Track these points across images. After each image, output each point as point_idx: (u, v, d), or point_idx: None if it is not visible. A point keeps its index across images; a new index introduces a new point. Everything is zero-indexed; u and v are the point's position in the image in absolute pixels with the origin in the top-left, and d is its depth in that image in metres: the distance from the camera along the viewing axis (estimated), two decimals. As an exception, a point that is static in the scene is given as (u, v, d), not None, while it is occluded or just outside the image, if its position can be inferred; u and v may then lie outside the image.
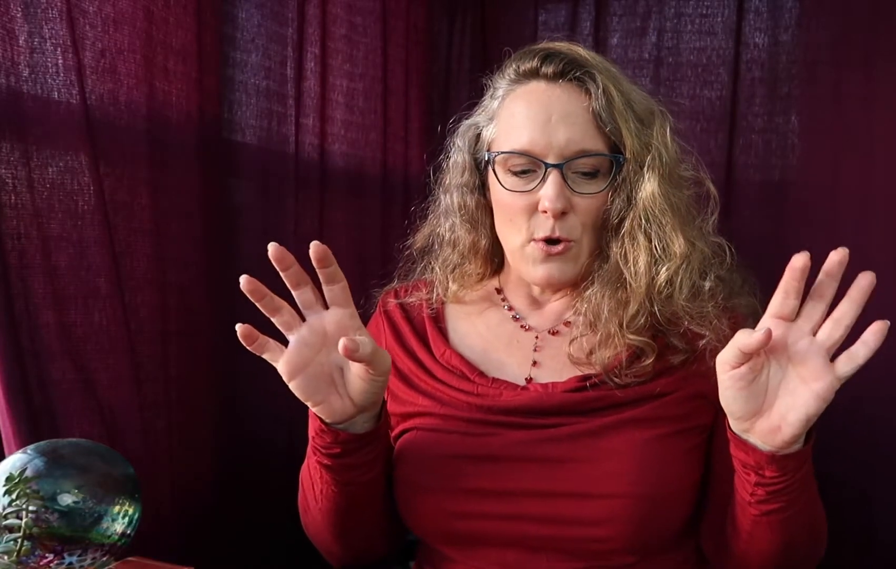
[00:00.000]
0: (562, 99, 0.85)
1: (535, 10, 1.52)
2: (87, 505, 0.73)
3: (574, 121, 0.84)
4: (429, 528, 0.88)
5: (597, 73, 0.85)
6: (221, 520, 1.11)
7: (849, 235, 1.26)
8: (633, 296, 0.84)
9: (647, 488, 0.80)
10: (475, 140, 0.95)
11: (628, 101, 0.86)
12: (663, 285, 0.83)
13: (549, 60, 0.87)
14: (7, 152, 0.82)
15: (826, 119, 1.28)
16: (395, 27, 1.39)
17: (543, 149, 0.84)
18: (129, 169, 0.95)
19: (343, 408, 0.77)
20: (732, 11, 1.36)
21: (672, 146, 0.88)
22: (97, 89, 0.90)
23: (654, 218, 0.84)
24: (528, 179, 0.86)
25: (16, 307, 0.83)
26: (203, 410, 1.09)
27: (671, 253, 0.84)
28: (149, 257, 0.97)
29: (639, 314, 0.84)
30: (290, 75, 1.21)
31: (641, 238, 0.84)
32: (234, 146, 1.15)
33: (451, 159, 0.98)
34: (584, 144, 0.84)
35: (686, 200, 0.89)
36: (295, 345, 0.75)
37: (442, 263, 0.99)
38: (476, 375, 0.89)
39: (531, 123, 0.85)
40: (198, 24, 1.03)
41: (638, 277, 0.84)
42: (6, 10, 0.81)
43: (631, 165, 0.85)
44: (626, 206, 0.85)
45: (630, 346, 0.84)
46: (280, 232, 1.22)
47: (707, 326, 0.83)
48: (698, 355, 0.85)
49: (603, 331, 0.85)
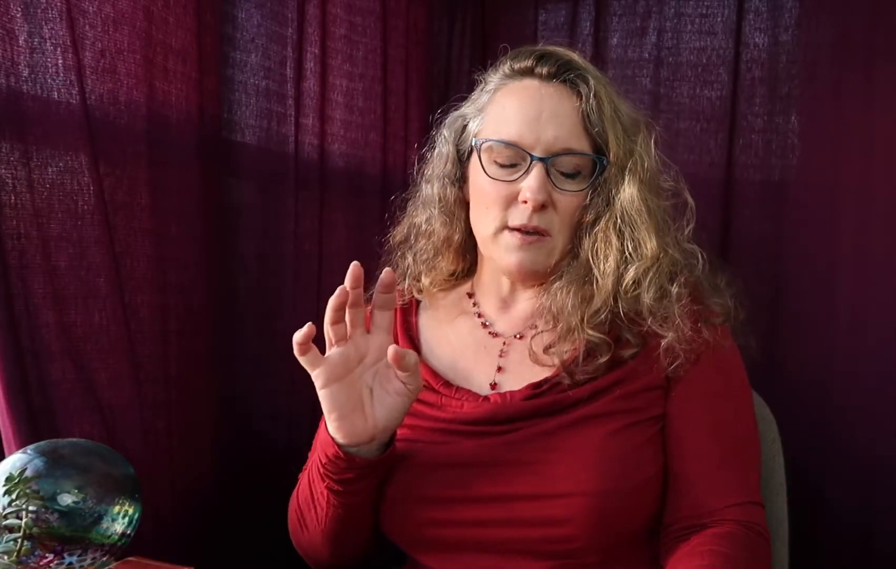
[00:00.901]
0: (553, 97, 0.88)
1: (535, 10, 1.52)
2: (87, 505, 0.73)
3: (563, 120, 0.87)
4: (401, 536, 0.90)
5: (590, 77, 0.88)
6: (221, 520, 1.11)
7: (849, 235, 1.26)
8: (599, 292, 0.86)
9: (605, 484, 0.81)
10: (461, 131, 0.96)
11: (616, 109, 0.89)
12: (630, 285, 0.85)
13: (545, 61, 0.89)
14: (7, 152, 0.82)
15: (826, 119, 1.28)
16: (395, 27, 1.39)
17: (531, 143, 0.86)
18: (129, 169, 0.95)
19: (364, 428, 0.80)
20: (732, 11, 1.36)
21: (654, 156, 0.91)
22: (97, 89, 0.90)
23: (629, 219, 0.86)
24: (511, 171, 0.88)
25: (16, 307, 0.83)
26: (203, 410, 1.09)
27: (642, 253, 0.86)
28: (149, 257, 0.97)
29: (601, 311, 0.85)
30: (290, 75, 1.21)
31: (614, 238, 0.86)
32: (233, 146, 1.15)
33: (436, 150, 1.00)
34: (570, 143, 0.87)
35: (663, 209, 0.91)
36: (337, 356, 0.79)
37: (415, 254, 1.01)
38: (441, 386, 0.91)
39: (521, 117, 0.87)
40: (198, 24, 1.03)
41: (605, 274, 0.86)
42: (6, 10, 0.81)
43: (613, 168, 0.88)
44: (603, 207, 0.88)
45: (588, 341, 0.86)
46: (280, 232, 1.22)
47: (669, 327, 0.84)
48: (649, 349, 0.86)
49: (564, 324, 0.86)
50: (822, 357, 1.23)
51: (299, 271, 1.24)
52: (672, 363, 0.85)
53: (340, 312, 0.78)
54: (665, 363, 0.85)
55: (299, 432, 1.25)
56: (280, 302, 1.23)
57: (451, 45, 1.58)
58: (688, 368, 0.86)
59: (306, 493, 0.89)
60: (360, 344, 0.80)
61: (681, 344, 0.84)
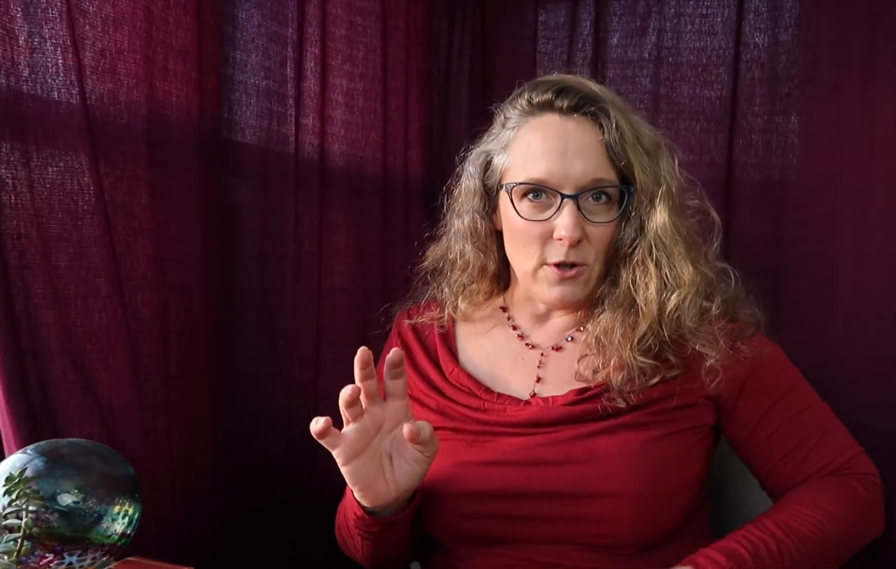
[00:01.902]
0: (577, 132, 0.90)
1: (535, 10, 1.52)
2: (87, 505, 0.73)
3: (588, 153, 0.89)
4: (442, 528, 0.93)
5: (609, 108, 0.90)
6: (221, 520, 1.11)
7: (849, 235, 1.26)
8: (644, 319, 0.88)
9: (644, 486, 0.84)
10: (486, 166, 0.99)
11: (637, 135, 0.91)
12: (673, 311, 0.88)
13: (564, 95, 0.91)
14: (7, 152, 0.82)
15: (826, 119, 1.28)
16: (395, 27, 1.39)
17: (560, 180, 0.89)
18: (129, 169, 0.95)
19: (387, 493, 0.82)
20: (732, 11, 1.36)
21: (679, 178, 0.94)
22: (97, 89, 0.90)
23: (664, 248, 0.89)
24: (542, 207, 0.90)
25: (16, 307, 0.83)
26: (203, 410, 1.09)
27: (681, 281, 0.88)
28: (149, 257, 0.97)
29: (647, 337, 0.88)
30: (290, 75, 1.21)
31: (652, 267, 0.89)
32: (233, 146, 1.15)
33: (462, 185, 1.02)
34: (597, 174, 0.89)
35: (691, 228, 0.94)
36: (355, 433, 0.80)
37: (451, 284, 1.04)
38: (482, 392, 0.95)
39: (548, 155, 0.89)
40: (198, 24, 1.03)
41: (649, 302, 0.88)
42: (6, 10, 0.81)
43: (641, 196, 0.90)
44: (636, 235, 0.91)
45: (640, 368, 0.88)
46: (280, 232, 1.22)
47: (712, 346, 0.87)
48: (691, 370, 0.89)
49: (612, 353, 0.89)
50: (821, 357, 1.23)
51: (299, 271, 1.24)
52: (713, 381, 0.87)
53: (355, 401, 0.79)
54: (707, 382, 0.87)
55: (299, 432, 1.25)
56: (280, 302, 1.23)
57: (451, 45, 1.58)
58: (740, 393, 0.90)
59: (343, 520, 0.94)
60: (376, 414, 0.81)
61: (721, 362, 0.87)
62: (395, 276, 1.37)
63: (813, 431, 0.93)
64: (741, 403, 0.92)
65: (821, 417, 0.96)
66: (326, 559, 1.10)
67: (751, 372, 0.91)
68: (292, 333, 1.24)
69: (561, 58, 1.51)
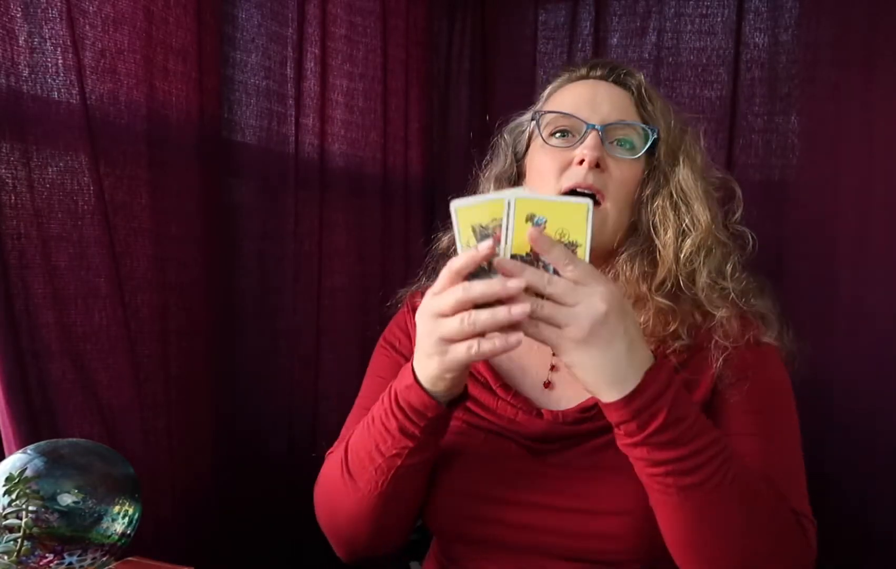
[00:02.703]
0: (607, 88, 0.94)
1: (535, 10, 1.52)
2: (87, 505, 0.73)
3: (617, 102, 0.93)
4: (445, 528, 0.91)
5: (640, 76, 0.96)
6: (221, 520, 1.11)
7: (849, 235, 1.26)
8: (662, 262, 0.89)
9: (648, 503, 0.79)
10: (518, 134, 1.01)
11: (666, 107, 0.95)
12: (688, 256, 0.89)
13: (597, 66, 0.97)
14: (7, 152, 0.82)
15: (826, 119, 1.28)
16: (395, 27, 1.39)
17: (587, 114, 0.91)
18: (129, 169, 0.95)
19: (462, 380, 0.78)
20: (732, 11, 1.36)
21: (703, 152, 0.97)
22: (97, 89, 0.90)
23: (684, 195, 0.91)
24: (568, 142, 0.91)
25: (16, 307, 0.83)
26: (203, 410, 1.09)
27: (698, 225, 0.90)
28: (149, 257, 0.97)
29: (666, 280, 0.89)
30: (290, 75, 1.21)
31: (671, 212, 0.90)
32: (233, 146, 1.15)
33: (495, 152, 1.05)
34: (624, 115, 0.92)
35: (712, 195, 0.95)
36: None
37: None
38: (499, 387, 0.91)
39: (578, 97, 0.93)
40: (198, 24, 1.03)
41: (667, 245, 0.89)
42: (6, 10, 0.81)
43: (665, 148, 0.92)
44: (660, 184, 0.92)
45: (658, 309, 0.87)
46: (280, 232, 1.22)
47: (724, 304, 0.87)
48: (696, 361, 0.86)
49: (632, 293, 0.88)
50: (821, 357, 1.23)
51: (299, 271, 1.24)
52: (721, 355, 0.85)
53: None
54: (714, 359, 0.85)
55: (299, 432, 1.25)
56: (280, 302, 1.23)
57: (451, 45, 1.58)
58: (734, 383, 0.85)
59: (359, 457, 0.84)
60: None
61: (730, 335, 0.85)
62: (395, 276, 1.37)
63: (777, 465, 0.84)
64: (730, 392, 0.86)
65: (790, 461, 0.87)
66: (326, 559, 1.10)
67: (753, 367, 0.86)
68: (292, 333, 1.24)
69: (561, 58, 1.51)
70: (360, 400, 0.98)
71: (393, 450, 0.80)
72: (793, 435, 0.88)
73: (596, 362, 0.69)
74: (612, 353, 0.69)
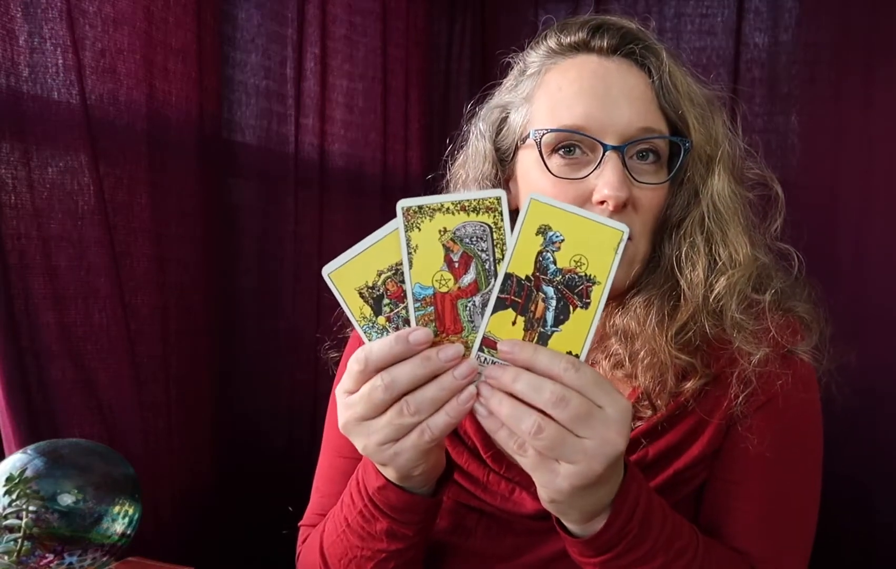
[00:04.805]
0: (620, 74, 0.71)
1: (535, 10, 1.53)
2: (87, 505, 0.73)
3: (635, 98, 0.70)
4: None
5: (659, 49, 0.73)
6: (221, 520, 1.11)
7: (849, 235, 1.26)
8: (686, 305, 0.70)
9: None
10: (499, 125, 0.78)
11: (690, 85, 0.75)
12: (718, 298, 0.70)
13: (602, 32, 0.73)
14: (7, 152, 0.82)
15: (826, 119, 1.28)
16: (395, 28, 1.40)
17: (601, 127, 0.69)
18: (129, 169, 0.95)
19: (439, 460, 0.64)
20: (732, 11, 1.36)
21: (738, 141, 0.78)
22: (97, 89, 0.90)
23: (720, 220, 0.72)
24: (577, 165, 0.70)
25: (16, 307, 0.83)
26: (203, 410, 1.09)
27: (735, 261, 0.70)
28: (149, 257, 0.97)
29: (688, 327, 0.69)
30: (290, 75, 1.21)
31: (701, 242, 0.71)
32: (233, 146, 1.15)
33: (469, 148, 0.81)
34: (647, 123, 0.70)
35: (748, 204, 0.77)
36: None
37: None
38: (490, 457, 0.73)
39: (586, 96, 0.70)
40: (198, 24, 1.03)
41: (694, 286, 0.70)
42: (6, 10, 0.81)
43: (697, 157, 0.73)
44: (689, 205, 0.73)
45: (675, 366, 0.70)
46: (280, 232, 1.22)
47: (756, 345, 0.69)
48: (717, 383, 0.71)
49: (644, 345, 0.70)
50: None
51: (299, 271, 1.25)
52: (743, 391, 0.69)
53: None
54: (736, 392, 0.69)
55: (299, 431, 1.25)
56: (280, 302, 1.23)
57: (451, 45, 1.58)
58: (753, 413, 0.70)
59: (336, 544, 0.71)
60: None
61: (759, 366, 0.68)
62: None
63: (774, 535, 0.72)
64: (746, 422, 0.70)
65: (794, 534, 0.73)
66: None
67: (780, 394, 0.70)
68: (292, 333, 1.24)
69: (561, 58, 1.50)
70: (329, 457, 0.82)
71: (382, 554, 0.67)
72: (807, 498, 0.74)
73: (586, 504, 0.55)
74: (605, 490, 0.56)
